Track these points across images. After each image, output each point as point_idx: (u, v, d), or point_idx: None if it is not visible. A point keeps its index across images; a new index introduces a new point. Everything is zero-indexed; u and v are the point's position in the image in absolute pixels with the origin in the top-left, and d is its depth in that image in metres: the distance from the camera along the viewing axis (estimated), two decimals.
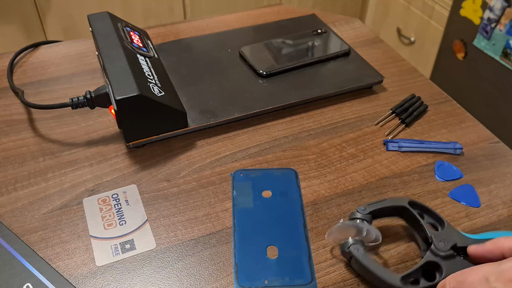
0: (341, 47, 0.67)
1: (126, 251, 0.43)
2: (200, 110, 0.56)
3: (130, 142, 0.52)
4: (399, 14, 1.66)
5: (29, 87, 0.62)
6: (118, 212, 0.47)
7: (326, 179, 0.51)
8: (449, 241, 0.40)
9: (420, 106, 0.60)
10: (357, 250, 0.40)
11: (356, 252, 0.40)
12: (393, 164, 0.53)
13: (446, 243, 0.40)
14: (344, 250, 0.41)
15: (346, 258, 0.42)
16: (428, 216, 0.44)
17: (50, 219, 0.46)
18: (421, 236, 0.43)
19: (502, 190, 0.50)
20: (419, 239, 0.44)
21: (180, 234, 0.45)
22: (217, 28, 0.74)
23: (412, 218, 0.44)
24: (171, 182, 0.50)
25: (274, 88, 0.60)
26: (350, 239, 0.41)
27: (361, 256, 0.40)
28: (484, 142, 0.56)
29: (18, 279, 0.40)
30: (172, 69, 0.63)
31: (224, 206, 0.48)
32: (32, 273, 0.40)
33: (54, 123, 0.57)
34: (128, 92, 0.48)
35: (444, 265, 0.39)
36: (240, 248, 0.43)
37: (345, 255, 0.42)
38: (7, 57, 0.67)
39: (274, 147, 0.54)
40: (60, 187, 0.49)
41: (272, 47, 0.66)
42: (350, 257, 0.41)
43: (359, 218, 0.42)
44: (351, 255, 0.40)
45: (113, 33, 0.57)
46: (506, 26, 1.18)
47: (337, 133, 0.56)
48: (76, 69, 0.65)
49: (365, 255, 0.40)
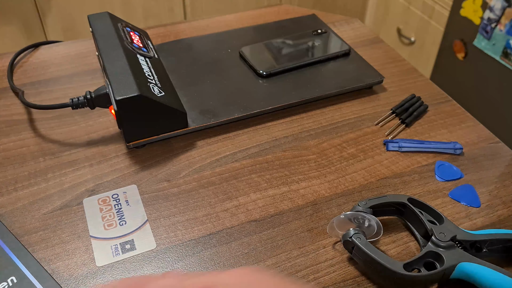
0: (341, 47, 0.67)
1: (126, 251, 0.43)
2: (200, 110, 0.56)
3: (130, 142, 0.52)
4: (399, 14, 1.66)
5: (29, 87, 0.62)
6: (118, 212, 0.47)
7: (326, 179, 0.51)
8: (449, 233, 0.41)
9: (420, 106, 0.60)
10: (359, 239, 0.40)
11: (359, 240, 0.40)
12: (393, 164, 0.53)
13: (446, 235, 0.41)
14: (346, 240, 0.41)
15: (348, 249, 0.42)
16: (426, 213, 0.44)
17: (50, 219, 0.46)
18: (421, 232, 0.44)
19: (502, 190, 0.50)
20: (418, 235, 0.44)
21: (180, 234, 0.45)
22: (217, 28, 0.74)
23: (411, 214, 0.44)
24: (171, 182, 0.50)
25: (274, 88, 0.60)
26: (352, 230, 0.41)
27: (363, 244, 0.40)
28: (484, 142, 0.56)
29: (3, 272, 0.41)
30: (172, 69, 0.63)
31: (224, 206, 0.48)
32: (18, 267, 0.41)
33: (54, 123, 0.57)
34: (128, 92, 0.48)
35: (445, 255, 0.40)
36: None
37: (347, 245, 0.42)
38: (7, 57, 0.67)
39: (274, 147, 0.54)
40: (60, 187, 0.49)
41: (272, 47, 0.66)
42: (352, 247, 0.41)
43: (360, 211, 0.43)
44: (353, 244, 0.40)
45: (113, 33, 0.57)
46: (506, 26, 1.18)
47: (337, 133, 0.56)
48: (76, 69, 0.65)
49: (368, 243, 0.40)
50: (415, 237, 0.45)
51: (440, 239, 0.41)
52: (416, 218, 0.44)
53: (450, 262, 0.39)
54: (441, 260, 0.40)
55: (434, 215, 0.44)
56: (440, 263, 0.40)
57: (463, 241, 0.41)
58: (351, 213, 0.42)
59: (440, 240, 0.41)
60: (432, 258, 0.40)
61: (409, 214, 0.45)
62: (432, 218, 0.44)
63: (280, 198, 0.49)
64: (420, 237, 0.44)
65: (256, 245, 0.44)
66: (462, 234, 0.42)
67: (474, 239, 0.41)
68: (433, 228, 0.42)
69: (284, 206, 0.48)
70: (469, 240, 0.41)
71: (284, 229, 0.46)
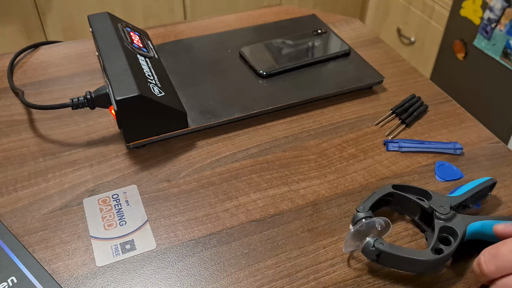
0: (341, 47, 0.67)
1: (126, 252, 0.43)
2: (200, 110, 0.56)
3: (131, 143, 0.52)
4: (399, 14, 1.66)
5: (29, 88, 0.62)
6: (118, 213, 0.47)
7: (326, 179, 0.51)
8: (445, 204, 0.43)
9: (420, 106, 0.60)
10: (382, 245, 0.40)
11: (382, 246, 0.40)
12: (393, 164, 0.53)
13: (445, 206, 0.43)
14: (369, 250, 0.41)
15: (373, 258, 0.41)
16: (413, 194, 0.46)
17: (50, 220, 0.46)
18: (417, 214, 0.45)
19: (502, 190, 0.50)
20: (416, 218, 0.45)
21: (181, 234, 0.45)
22: (217, 29, 0.74)
23: (401, 199, 0.45)
24: (171, 182, 0.50)
25: (274, 89, 0.60)
26: (369, 239, 0.41)
27: (389, 248, 0.40)
28: (484, 142, 0.56)
29: (4, 272, 0.41)
30: (172, 69, 0.63)
31: (225, 207, 0.48)
32: (18, 267, 0.41)
33: (55, 123, 0.57)
34: (128, 92, 0.48)
35: (455, 226, 0.42)
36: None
37: (370, 255, 0.41)
38: (7, 58, 0.67)
39: (274, 147, 0.54)
40: (61, 187, 0.49)
41: (272, 48, 0.66)
42: (378, 254, 0.41)
43: (364, 218, 0.42)
44: (379, 251, 0.40)
45: (113, 33, 0.57)
46: (506, 26, 1.18)
47: (337, 133, 0.56)
48: (76, 69, 0.65)
49: (392, 245, 0.40)
50: (413, 221, 0.46)
51: (442, 213, 0.43)
52: (409, 201, 0.45)
53: (461, 229, 0.41)
54: (453, 232, 0.42)
55: (420, 193, 0.45)
56: (453, 235, 0.42)
57: (456, 205, 0.44)
58: (361, 223, 0.42)
59: (443, 213, 0.43)
60: (445, 232, 0.42)
61: (399, 201, 0.46)
62: (419, 196, 0.45)
63: (280, 198, 0.49)
64: (418, 218, 0.45)
65: (256, 245, 0.44)
66: (452, 200, 0.44)
67: (461, 200, 0.44)
68: (431, 204, 0.43)
69: (284, 206, 0.48)
70: (458, 203, 0.44)
71: (284, 229, 0.46)
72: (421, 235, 0.45)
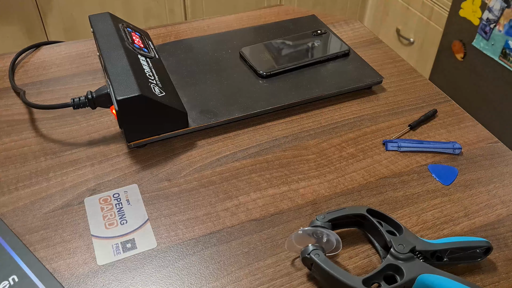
0: (341, 47, 0.67)
1: (127, 250, 0.44)
2: (201, 110, 0.56)
3: (131, 142, 0.52)
4: (398, 14, 1.66)
5: (31, 87, 0.62)
6: (119, 212, 0.47)
7: (325, 179, 0.51)
8: (408, 244, 0.41)
9: (432, 115, 0.59)
10: (318, 255, 0.39)
11: (317, 257, 0.39)
12: (393, 164, 0.53)
13: (405, 246, 0.41)
14: (304, 257, 0.40)
15: (307, 265, 0.41)
16: (386, 223, 0.44)
17: (51, 219, 0.46)
18: (381, 243, 0.43)
19: (501, 190, 0.50)
20: (378, 247, 0.44)
21: (181, 233, 0.45)
22: (217, 29, 0.74)
23: (371, 226, 0.44)
24: (172, 181, 0.50)
25: (274, 89, 0.60)
26: (310, 246, 0.40)
27: (322, 261, 0.39)
28: (483, 142, 0.56)
29: (5, 270, 0.41)
30: (173, 69, 0.63)
31: (225, 206, 0.48)
32: (19, 266, 0.41)
33: (56, 123, 0.57)
34: (129, 92, 0.48)
35: (405, 267, 0.39)
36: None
37: (305, 262, 0.41)
38: (9, 58, 0.67)
39: (274, 147, 0.55)
40: (62, 186, 0.49)
41: (272, 48, 0.67)
42: (311, 264, 0.40)
43: (318, 226, 0.42)
44: (312, 261, 0.40)
45: (114, 33, 0.58)
46: (505, 27, 1.19)
47: (337, 133, 0.57)
48: (77, 69, 0.66)
49: (326, 260, 0.39)
50: (376, 249, 0.44)
51: (399, 251, 0.40)
52: (376, 229, 0.43)
53: (410, 274, 0.39)
54: (401, 273, 0.39)
55: (393, 225, 0.43)
56: (400, 276, 0.39)
57: (423, 251, 0.41)
58: (309, 228, 0.41)
59: (399, 252, 0.40)
60: (392, 270, 0.40)
61: (369, 226, 0.44)
62: (391, 229, 0.43)
63: (280, 197, 0.49)
64: (381, 248, 0.43)
65: (256, 244, 0.44)
66: (422, 244, 0.41)
67: (434, 248, 0.41)
68: (392, 239, 0.41)
69: (284, 206, 0.48)
70: (429, 250, 0.41)
71: (284, 228, 0.46)
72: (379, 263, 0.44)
